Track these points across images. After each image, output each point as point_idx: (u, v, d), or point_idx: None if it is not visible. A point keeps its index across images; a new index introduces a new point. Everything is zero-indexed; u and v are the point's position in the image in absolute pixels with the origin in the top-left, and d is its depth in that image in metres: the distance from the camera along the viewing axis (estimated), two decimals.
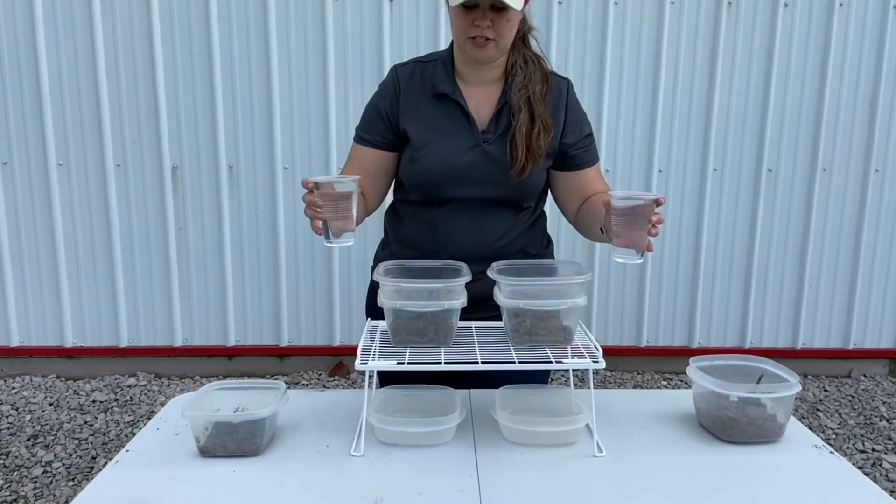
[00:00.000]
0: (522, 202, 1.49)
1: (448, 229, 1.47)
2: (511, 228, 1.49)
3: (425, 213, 1.49)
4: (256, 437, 1.22)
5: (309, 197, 1.25)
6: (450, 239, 1.46)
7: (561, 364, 1.21)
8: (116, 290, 3.15)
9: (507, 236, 1.48)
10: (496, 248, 1.47)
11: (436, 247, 1.47)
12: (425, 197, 1.48)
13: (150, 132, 3.04)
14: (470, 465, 1.19)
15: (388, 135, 1.49)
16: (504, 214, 1.48)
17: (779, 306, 3.34)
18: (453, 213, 1.46)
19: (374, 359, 1.22)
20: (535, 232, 1.55)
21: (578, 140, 1.50)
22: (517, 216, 1.50)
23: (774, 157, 3.19)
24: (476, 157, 1.44)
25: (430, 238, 1.48)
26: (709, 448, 1.26)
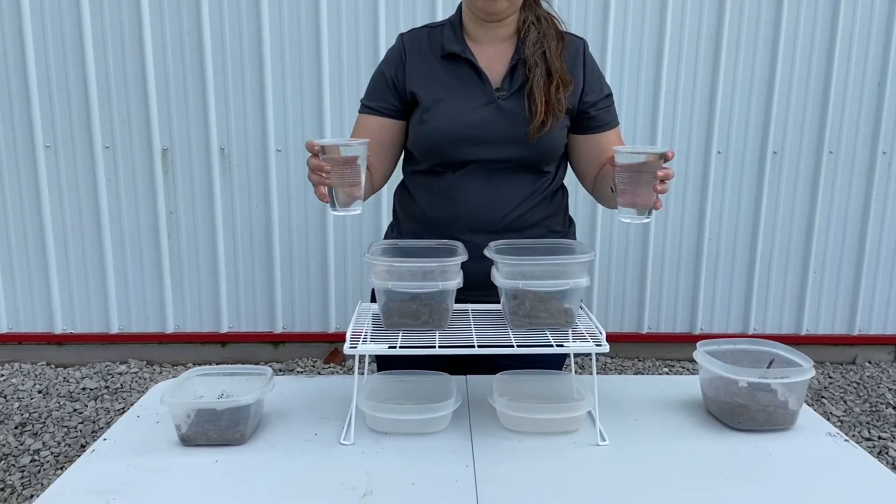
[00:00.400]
0: (542, 164, 1.41)
1: (463, 196, 1.39)
2: (531, 194, 1.41)
3: (438, 182, 1.41)
4: (240, 425, 1.16)
5: (314, 161, 1.18)
6: (465, 207, 1.39)
7: (562, 348, 1.14)
8: (106, 275, 3.08)
9: (526, 203, 1.41)
10: (515, 216, 1.40)
11: (451, 217, 1.39)
12: (437, 162, 1.40)
13: (139, 113, 2.96)
14: (466, 455, 1.12)
15: (395, 102, 1.42)
16: (523, 178, 1.40)
17: (783, 292, 3.27)
18: (468, 178, 1.39)
19: (365, 343, 1.15)
20: (555, 204, 1.47)
21: (599, 100, 1.43)
22: (536, 181, 1.42)
23: (780, 139, 3.12)
24: (490, 115, 1.37)
25: (444, 208, 1.40)
26: (717, 436, 1.20)
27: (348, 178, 1.21)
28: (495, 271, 1.23)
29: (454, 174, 1.39)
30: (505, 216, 1.39)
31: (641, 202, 1.21)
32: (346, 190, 1.22)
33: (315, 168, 1.18)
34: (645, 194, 1.19)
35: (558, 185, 1.48)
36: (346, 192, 1.22)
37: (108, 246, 3.06)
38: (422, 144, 1.41)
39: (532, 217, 1.42)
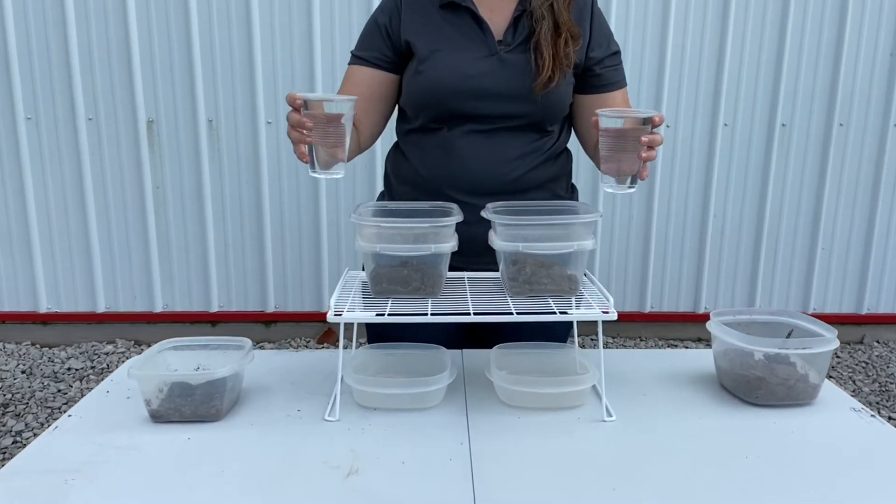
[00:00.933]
0: (546, 122, 1.31)
1: (461, 155, 1.28)
2: (534, 153, 1.31)
3: (433, 140, 1.31)
4: (216, 400, 1.06)
5: (295, 116, 1.08)
6: (463, 166, 1.28)
7: (566, 315, 1.04)
8: (91, 252, 2.99)
9: (528, 163, 1.30)
10: (516, 177, 1.30)
11: (447, 177, 1.29)
12: (433, 117, 1.29)
13: (123, 83, 2.85)
14: (460, 432, 1.03)
15: (388, 52, 1.32)
16: (525, 137, 1.30)
17: (790, 269, 3.18)
18: (466, 136, 1.28)
19: (350, 310, 1.06)
20: (558, 167, 1.37)
21: (605, 56, 1.33)
22: (539, 141, 1.32)
23: (789, 111, 3.01)
24: (492, 67, 1.27)
25: (441, 168, 1.30)
26: (733, 411, 1.11)
27: (331, 137, 1.11)
28: (493, 234, 1.13)
29: (451, 131, 1.29)
30: (506, 176, 1.29)
31: (625, 170, 1.11)
32: (328, 150, 1.11)
33: (296, 124, 1.08)
34: (629, 161, 1.10)
35: (562, 147, 1.38)
36: (328, 152, 1.12)
37: (93, 222, 2.96)
38: (416, 98, 1.30)
39: (534, 178, 1.32)
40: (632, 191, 1.14)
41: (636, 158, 1.08)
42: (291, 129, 1.10)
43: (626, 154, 1.09)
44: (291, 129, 1.10)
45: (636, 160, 1.09)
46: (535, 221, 1.07)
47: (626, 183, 1.13)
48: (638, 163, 1.09)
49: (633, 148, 1.08)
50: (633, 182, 1.13)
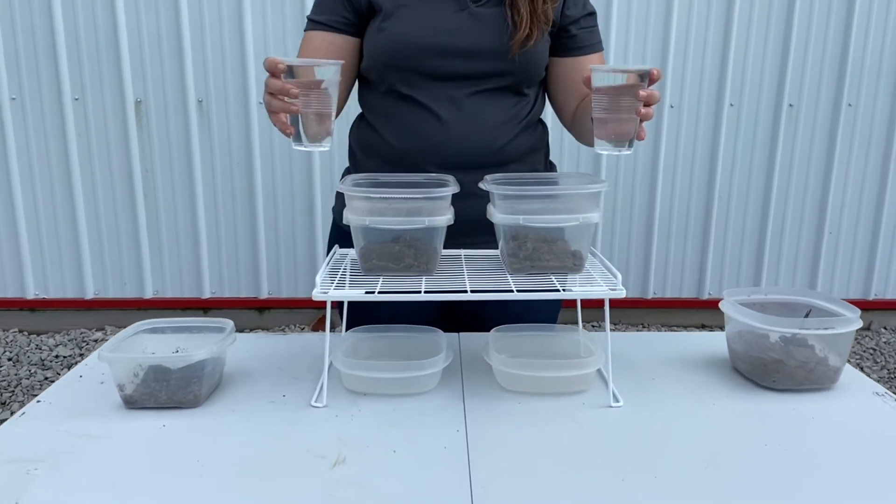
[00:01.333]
0: (522, 84, 1.22)
1: (437, 122, 1.19)
2: (513, 119, 1.22)
3: (404, 107, 1.21)
4: (193, 385, 0.99)
5: (276, 83, 0.99)
6: (435, 135, 1.19)
7: (570, 293, 0.97)
8: (79, 237, 2.91)
9: (507, 131, 1.22)
10: (496, 147, 1.21)
11: (423, 148, 1.20)
12: (399, 80, 1.19)
13: (111, 62, 2.76)
14: (457, 418, 0.96)
15: (347, 13, 1.22)
16: (501, 101, 1.22)
17: (796, 254, 3.11)
18: (440, 100, 1.19)
19: (338, 288, 0.98)
20: (537, 138, 1.29)
21: (581, 16, 1.24)
22: (516, 106, 1.23)
23: (796, 91, 2.93)
24: (463, 23, 1.18)
25: (415, 138, 1.20)
26: (748, 396, 1.04)
27: (320, 105, 1.03)
28: (492, 207, 1.05)
29: (422, 96, 1.19)
30: (487, 146, 1.20)
31: (622, 131, 1.03)
32: (317, 120, 1.03)
33: (278, 91, 0.99)
34: (625, 121, 1.02)
35: (538, 114, 1.30)
36: (317, 121, 1.03)
37: (81, 205, 2.88)
38: (379, 58, 1.20)
39: (514, 149, 1.23)
40: (628, 152, 1.06)
41: (633, 118, 1.00)
42: (271, 97, 1.00)
43: (623, 114, 1.02)
44: (271, 98, 1.00)
45: (633, 120, 1.01)
46: (537, 192, 1.00)
47: (625, 145, 1.05)
48: (635, 123, 1.02)
49: (629, 107, 1.00)
50: (630, 144, 1.05)
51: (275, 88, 0.99)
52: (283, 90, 0.98)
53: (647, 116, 1.01)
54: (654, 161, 2.95)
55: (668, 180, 3.00)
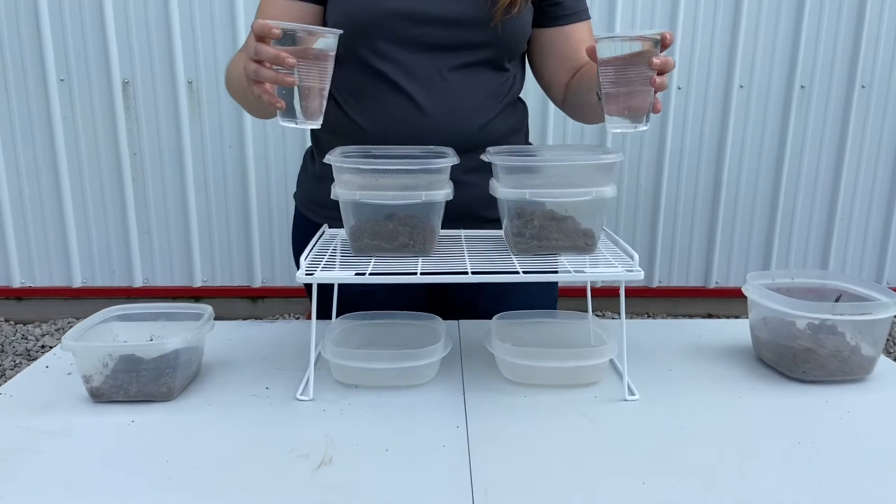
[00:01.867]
0: (503, 57, 1.12)
1: (413, 98, 1.08)
2: (494, 96, 1.12)
3: (371, 83, 1.09)
4: (166, 377, 0.90)
5: (270, 51, 0.86)
6: (407, 114, 1.08)
7: (581, 275, 0.88)
8: (66, 223, 2.81)
9: (490, 108, 1.11)
10: (480, 124, 1.10)
11: (388, 130, 1.09)
12: (370, 53, 1.08)
13: (97, 41, 2.66)
14: (456, 413, 0.87)
15: None
16: (482, 75, 1.11)
17: (806, 240, 3.02)
18: (412, 75, 1.08)
19: (326, 269, 0.89)
20: (517, 117, 1.19)
21: None
22: (496, 81, 1.13)
23: (808, 73, 2.82)
24: None
25: (380, 119, 1.09)
26: (776, 388, 0.95)
27: (320, 79, 0.92)
28: (494, 182, 0.96)
29: (395, 70, 1.08)
30: (469, 124, 1.10)
31: (636, 105, 0.92)
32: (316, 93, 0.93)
33: (272, 60, 0.87)
34: (639, 94, 0.91)
35: (518, 92, 1.19)
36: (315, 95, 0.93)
37: (67, 190, 2.78)
38: (347, 25, 1.09)
39: (494, 130, 1.13)
40: (645, 128, 0.95)
41: (648, 89, 0.90)
42: (259, 65, 0.88)
43: (635, 86, 0.91)
44: (260, 67, 0.88)
45: (647, 92, 0.91)
46: (545, 163, 0.90)
47: (642, 120, 0.95)
48: (650, 94, 0.92)
49: (641, 78, 0.90)
50: (647, 119, 0.95)
51: (267, 56, 0.87)
52: (278, 59, 0.86)
53: (661, 86, 0.91)
54: (660, 144, 2.86)
55: (674, 164, 2.90)
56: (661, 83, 0.90)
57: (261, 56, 0.88)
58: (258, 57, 0.88)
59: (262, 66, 0.88)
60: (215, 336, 1.10)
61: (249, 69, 0.89)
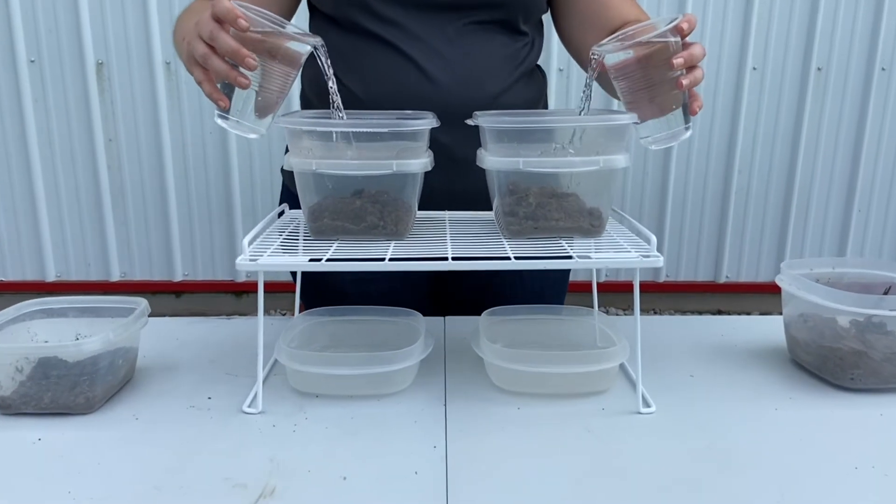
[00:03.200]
0: (519, 17, 0.96)
1: (417, 62, 0.93)
2: (509, 62, 0.97)
3: (368, 47, 0.94)
4: (82, 385, 0.75)
5: (231, 44, 0.71)
6: (411, 81, 0.93)
7: (587, 261, 0.72)
8: (38, 214, 2.66)
9: (505, 75, 0.96)
10: (494, 92, 0.95)
11: (388, 98, 0.94)
12: (365, 13, 0.93)
13: (69, 19, 2.50)
14: (435, 430, 0.72)
15: None
16: (496, 38, 0.96)
17: (822, 233, 2.86)
18: (415, 38, 0.93)
19: (275, 255, 0.73)
20: (535, 87, 1.04)
21: None
22: (513, 46, 0.98)
23: (825, 53, 2.66)
24: None
25: (388, 84, 0.94)
26: (818, 399, 0.80)
27: (280, 87, 0.78)
28: (482, 151, 0.80)
29: (393, 33, 0.93)
30: (475, 94, 0.94)
31: (667, 108, 0.77)
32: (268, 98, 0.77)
33: (230, 54, 0.71)
34: (666, 97, 0.76)
35: (535, 60, 1.04)
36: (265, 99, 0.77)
37: (39, 179, 2.63)
38: None
39: (511, 100, 0.97)
40: (688, 134, 0.79)
41: (675, 89, 0.75)
42: (210, 52, 0.72)
43: (660, 88, 0.76)
44: (210, 54, 0.72)
45: (676, 92, 0.76)
46: (542, 125, 0.74)
47: (681, 124, 0.78)
48: (680, 94, 0.76)
49: (663, 80, 0.75)
50: (687, 122, 0.79)
51: (224, 48, 0.71)
52: (237, 56, 0.71)
53: (695, 82, 0.76)
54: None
55: (683, 149, 2.74)
56: (692, 81, 0.75)
57: (217, 45, 0.72)
58: (213, 43, 0.72)
59: (213, 54, 0.72)
60: (159, 335, 0.95)
61: (197, 51, 0.73)
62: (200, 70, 0.74)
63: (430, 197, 0.84)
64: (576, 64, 1.12)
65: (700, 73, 0.76)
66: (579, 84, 2.59)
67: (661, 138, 0.78)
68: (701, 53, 0.76)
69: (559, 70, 2.60)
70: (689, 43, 0.76)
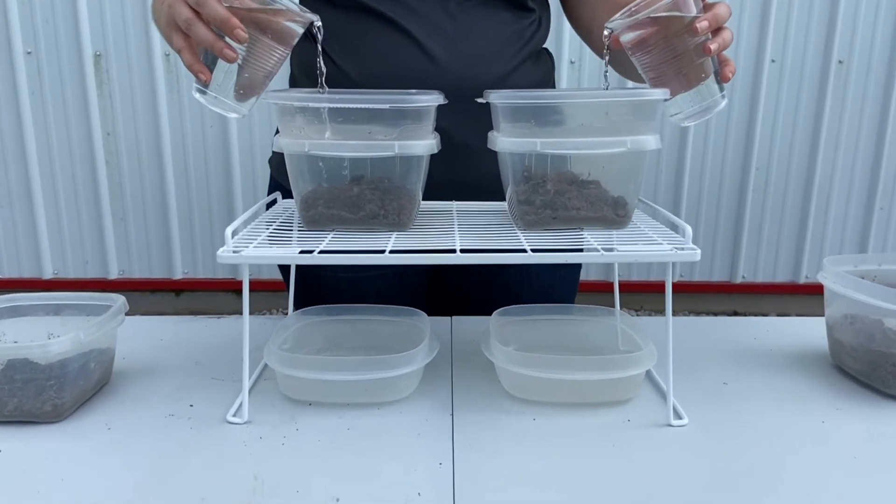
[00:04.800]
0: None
1: (418, 41, 0.85)
2: (514, 41, 0.89)
3: (366, 25, 0.87)
4: (49, 391, 0.67)
5: (221, 12, 0.64)
6: (412, 60, 0.85)
7: (614, 255, 0.64)
8: (35, 210, 2.59)
9: (510, 55, 0.89)
10: (499, 74, 0.88)
11: (397, 78, 0.86)
12: None
13: (66, 9, 2.43)
14: (441, 443, 0.64)
15: None
16: (500, 15, 0.88)
17: (842, 232, 2.76)
18: (415, 14, 0.85)
19: (260, 245, 0.66)
20: (543, 69, 0.96)
21: None
22: (519, 24, 0.90)
23: (846, 46, 2.57)
24: None
25: (385, 65, 0.86)
26: (869, 410, 0.72)
27: (269, 64, 0.70)
28: (494, 134, 0.72)
29: (392, 8, 0.85)
30: (481, 71, 0.87)
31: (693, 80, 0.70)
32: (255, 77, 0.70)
33: (219, 22, 0.64)
34: (692, 68, 0.69)
35: (542, 41, 0.96)
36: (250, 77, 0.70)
37: (36, 174, 2.56)
38: None
39: (518, 81, 0.90)
40: (724, 103, 0.71)
41: (703, 56, 0.68)
42: (195, 18, 0.65)
43: (685, 58, 0.69)
44: (195, 20, 0.65)
45: (704, 61, 0.68)
46: (564, 100, 0.66)
47: (714, 93, 0.70)
48: (709, 61, 0.69)
49: (689, 45, 0.67)
50: (721, 88, 0.71)
51: (212, 15, 0.64)
52: (227, 26, 0.64)
53: (723, 45, 0.68)
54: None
55: (699, 144, 2.65)
56: (721, 45, 0.67)
57: (204, 10, 0.64)
58: (198, 8, 0.64)
59: (199, 19, 0.65)
60: (141, 334, 0.88)
61: (180, 15, 0.65)
62: (181, 37, 0.66)
63: (429, 187, 0.76)
64: (587, 55, 1.05)
65: (728, 35, 0.68)
66: (591, 75, 2.50)
67: (694, 113, 0.70)
68: (727, 13, 0.68)
69: (571, 62, 2.51)
70: (710, 3, 0.68)
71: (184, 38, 0.67)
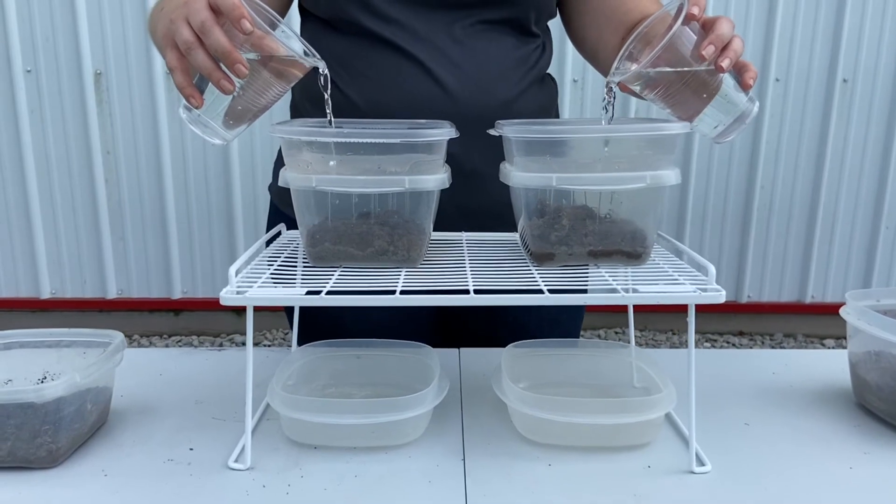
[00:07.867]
0: (530, 18, 0.87)
1: (413, 69, 0.83)
2: (519, 65, 0.87)
3: (368, 50, 0.85)
4: (44, 436, 0.64)
5: (224, 42, 0.61)
6: (416, 86, 0.83)
7: (634, 296, 0.61)
8: (33, 228, 2.57)
9: (515, 79, 0.87)
10: (505, 99, 0.86)
11: (401, 104, 0.84)
12: (363, 12, 0.83)
13: (67, 28, 2.42)
14: (452, 489, 0.61)
15: None
16: (505, 40, 0.87)
17: (848, 251, 2.74)
18: (419, 38, 0.83)
19: (264, 285, 0.63)
20: (546, 93, 0.94)
21: None
22: (524, 48, 0.88)
23: (851, 64, 2.56)
24: None
25: (389, 90, 0.84)
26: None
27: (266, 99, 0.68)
28: (507, 166, 0.70)
29: (394, 32, 0.83)
30: (487, 97, 0.85)
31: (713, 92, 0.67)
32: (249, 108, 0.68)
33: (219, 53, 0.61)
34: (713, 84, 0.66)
35: (546, 66, 0.95)
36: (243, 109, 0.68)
37: (34, 193, 2.54)
38: None
39: (524, 106, 0.88)
40: (756, 108, 0.69)
41: (716, 76, 0.65)
42: (195, 43, 0.62)
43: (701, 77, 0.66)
44: (195, 45, 0.62)
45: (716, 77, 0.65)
46: (581, 133, 0.64)
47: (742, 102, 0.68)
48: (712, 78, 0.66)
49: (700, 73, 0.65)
50: (749, 97, 0.69)
51: (216, 47, 0.61)
52: (228, 58, 0.61)
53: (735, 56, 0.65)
54: (686, 143, 2.60)
55: (703, 163, 2.63)
56: (733, 57, 0.64)
57: (206, 39, 0.61)
58: (202, 35, 0.61)
59: (200, 45, 0.62)
60: (140, 369, 0.85)
61: (181, 35, 0.62)
62: (176, 56, 0.63)
63: (437, 213, 0.74)
64: (591, 75, 1.03)
65: (738, 44, 0.65)
66: (594, 95, 2.49)
67: (727, 129, 0.67)
68: (730, 28, 0.65)
69: (574, 81, 2.50)
70: (711, 20, 0.65)
71: (178, 58, 0.64)
